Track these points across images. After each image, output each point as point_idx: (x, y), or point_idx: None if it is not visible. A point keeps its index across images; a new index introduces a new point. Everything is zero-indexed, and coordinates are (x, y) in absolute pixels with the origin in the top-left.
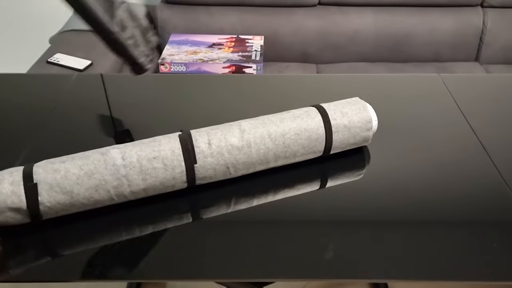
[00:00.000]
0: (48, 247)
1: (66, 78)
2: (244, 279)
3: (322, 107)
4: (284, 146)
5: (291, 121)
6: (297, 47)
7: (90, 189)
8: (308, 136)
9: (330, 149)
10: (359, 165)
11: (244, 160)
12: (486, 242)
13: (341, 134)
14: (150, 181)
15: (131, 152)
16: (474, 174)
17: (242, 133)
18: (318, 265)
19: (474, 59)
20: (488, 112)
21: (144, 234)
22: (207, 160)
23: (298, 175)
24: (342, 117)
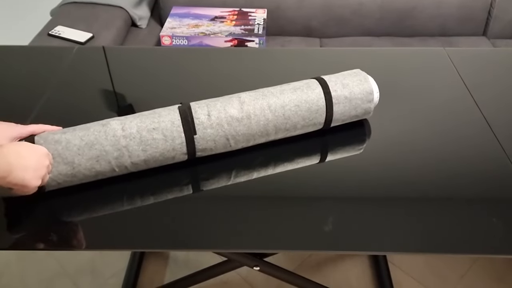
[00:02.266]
0: (52, 217)
1: (67, 51)
2: (245, 250)
3: (322, 79)
4: (284, 117)
5: (291, 93)
6: (301, 20)
7: (91, 160)
8: (308, 108)
9: (331, 121)
10: (360, 139)
11: (244, 132)
12: (486, 217)
13: (342, 105)
14: (150, 152)
15: (131, 124)
16: (476, 149)
17: (242, 104)
18: (318, 238)
19: (482, 33)
20: (493, 87)
21: (146, 205)
22: (207, 132)
23: (299, 149)
24: (343, 89)
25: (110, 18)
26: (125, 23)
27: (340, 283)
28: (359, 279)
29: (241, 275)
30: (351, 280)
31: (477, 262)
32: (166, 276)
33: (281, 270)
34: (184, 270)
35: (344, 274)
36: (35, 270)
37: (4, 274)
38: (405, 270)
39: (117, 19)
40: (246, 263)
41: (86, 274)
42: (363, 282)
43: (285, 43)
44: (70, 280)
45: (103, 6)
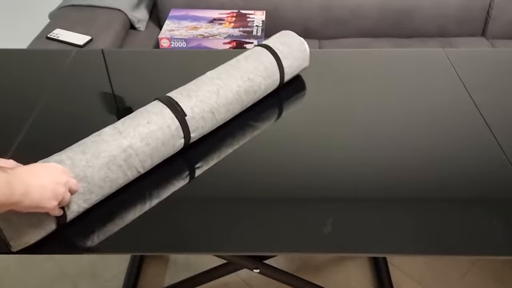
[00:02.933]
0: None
1: (66, 54)
2: (245, 252)
3: (264, 44)
4: (250, 80)
5: (246, 61)
6: (299, 22)
7: (102, 168)
8: (265, 67)
9: (284, 74)
10: (363, 145)
11: (223, 102)
12: (486, 218)
13: (289, 60)
14: (153, 144)
15: (124, 126)
16: (476, 150)
17: (212, 80)
18: (318, 240)
19: (481, 34)
20: (491, 87)
21: (146, 209)
22: (195, 110)
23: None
24: (283, 46)
25: (108, 21)
26: (124, 25)
27: (340, 285)
28: (359, 281)
29: (241, 277)
30: (351, 282)
31: (476, 263)
32: (166, 278)
33: (281, 272)
34: (184, 272)
35: (344, 276)
36: (35, 273)
37: (5, 277)
38: (405, 272)
39: (116, 21)
40: (246, 265)
41: (86, 276)
42: (363, 284)
43: None
44: (70, 283)
45: (101, 9)
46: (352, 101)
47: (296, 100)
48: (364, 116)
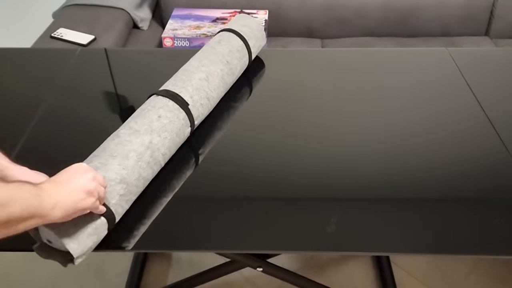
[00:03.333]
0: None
1: (70, 53)
2: (248, 251)
3: (228, 28)
4: (228, 63)
5: (220, 45)
6: (302, 21)
7: (135, 168)
8: (237, 50)
9: (251, 54)
10: (366, 144)
11: (213, 87)
12: (490, 217)
13: (253, 41)
14: (169, 136)
15: (138, 124)
16: (479, 149)
17: (198, 68)
18: (321, 238)
19: (484, 33)
20: (495, 86)
21: (149, 207)
22: (194, 99)
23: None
24: (245, 28)
25: (111, 20)
26: (127, 25)
27: (343, 284)
28: (362, 280)
29: (244, 276)
30: (354, 281)
31: (480, 263)
32: (169, 276)
33: (284, 271)
34: (187, 271)
35: (347, 275)
36: (40, 270)
37: (10, 274)
38: (408, 271)
39: (119, 21)
40: (249, 264)
41: (91, 274)
42: (366, 283)
43: (287, 44)
44: (75, 280)
45: (104, 8)
46: (355, 99)
47: (299, 97)
48: (367, 115)
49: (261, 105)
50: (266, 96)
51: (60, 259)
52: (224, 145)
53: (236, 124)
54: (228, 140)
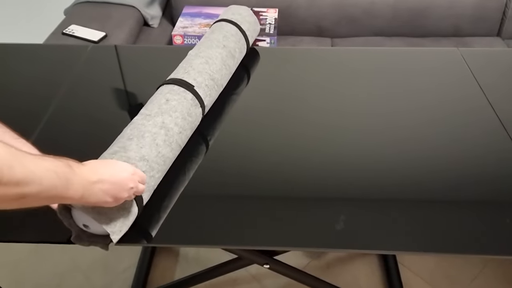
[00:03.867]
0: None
1: (81, 49)
2: (256, 247)
3: (219, 19)
4: (225, 47)
5: (213, 33)
6: (312, 20)
7: (152, 145)
8: (231, 34)
9: (248, 41)
10: (375, 143)
11: (216, 69)
12: (498, 218)
13: (245, 25)
14: (180, 116)
15: (148, 109)
16: (490, 150)
17: (196, 56)
18: (329, 236)
19: (496, 34)
20: (507, 87)
21: (156, 202)
22: (198, 80)
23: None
24: (235, 15)
25: (122, 18)
26: (138, 22)
27: (349, 283)
28: (368, 280)
29: (251, 273)
30: (360, 280)
31: (487, 265)
32: (177, 272)
33: (291, 269)
34: (194, 267)
35: (353, 275)
36: (48, 265)
37: (18, 268)
38: (415, 272)
39: (130, 18)
40: (256, 261)
41: (98, 269)
42: (372, 283)
43: (296, 42)
44: (83, 275)
45: (115, 5)
46: (364, 99)
47: (308, 96)
48: (376, 114)
49: (270, 104)
50: (275, 94)
51: (101, 243)
52: (234, 143)
53: (245, 123)
54: (238, 138)
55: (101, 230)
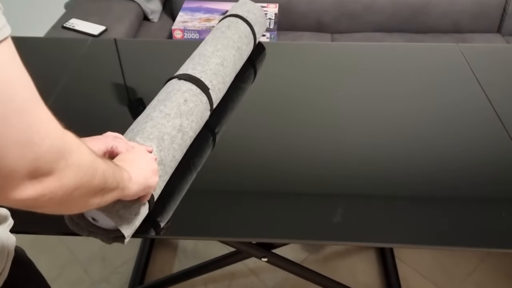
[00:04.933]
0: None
1: (81, 43)
2: (254, 239)
3: (234, 14)
4: (239, 49)
5: (229, 30)
6: (312, 15)
7: (170, 149)
8: (245, 35)
9: (256, 40)
10: (374, 138)
11: (228, 72)
12: (495, 211)
13: (257, 26)
14: (195, 120)
15: (167, 107)
16: (488, 146)
17: (213, 53)
18: (327, 229)
19: (496, 30)
20: (506, 84)
21: (156, 198)
22: (213, 83)
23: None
24: (250, 14)
25: (123, 12)
26: (138, 16)
27: (347, 277)
28: (366, 274)
29: (249, 266)
30: (357, 274)
31: (485, 259)
32: (175, 266)
33: (289, 262)
34: (193, 260)
35: (351, 269)
36: (47, 257)
37: None
38: (412, 266)
39: (130, 12)
40: (254, 254)
41: (97, 262)
42: (369, 277)
43: (297, 38)
44: (81, 267)
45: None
46: (364, 95)
47: (308, 92)
48: (376, 110)
49: (269, 100)
50: (274, 90)
51: (103, 237)
52: (232, 137)
53: (244, 118)
54: (236, 133)
55: (110, 225)
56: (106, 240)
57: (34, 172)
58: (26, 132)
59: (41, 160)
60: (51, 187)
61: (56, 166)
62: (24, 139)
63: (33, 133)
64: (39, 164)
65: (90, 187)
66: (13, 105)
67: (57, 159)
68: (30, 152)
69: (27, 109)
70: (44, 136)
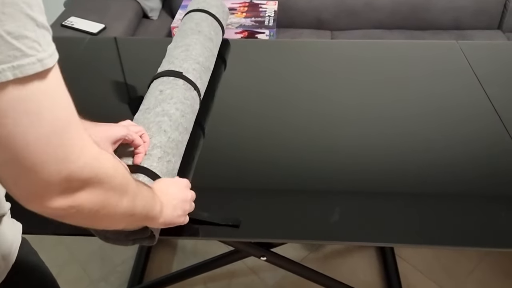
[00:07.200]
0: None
1: (80, 41)
2: (252, 239)
3: (191, 10)
4: (200, 32)
5: (184, 25)
6: (312, 12)
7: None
8: (202, 19)
9: (218, 18)
10: (372, 135)
11: (198, 53)
12: (495, 211)
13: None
14: (178, 102)
15: (144, 105)
16: (487, 143)
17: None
18: (325, 229)
19: (497, 26)
20: (505, 81)
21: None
22: (183, 66)
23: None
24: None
25: (122, 10)
26: (137, 14)
27: (347, 275)
28: (366, 272)
29: (248, 265)
30: (358, 273)
31: (485, 258)
32: (174, 265)
33: (288, 261)
34: (191, 259)
35: (351, 268)
36: (45, 257)
37: None
38: (413, 264)
39: (129, 10)
40: (253, 253)
41: (96, 261)
42: (370, 276)
43: (296, 35)
44: (80, 267)
45: None
46: (363, 91)
47: (308, 88)
48: (375, 107)
49: (268, 97)
50: (273, 87)
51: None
52: (231, 135)
53: (244, 115)
54: (236, 131)
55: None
56: (149, 242)
57: (67, 186)
58: (64, 150)
59: (73, 176)
60: (79, 202)
61: (87, 184)
62: (61, 157)
63: (70, 152)
64: (71, 179)
65: (117, 208)
66: (55, 125)
67: (89, 177)
68: (65, 169)
69: (66, 129)
70: (80, 154)
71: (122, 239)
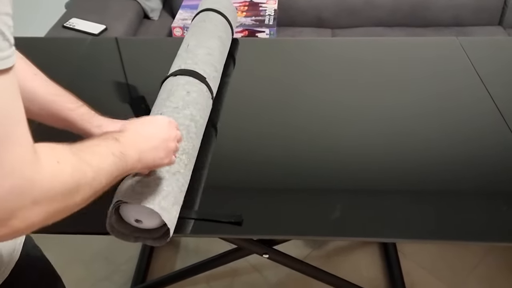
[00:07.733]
0: None
1: (81, 42)
2: (255, 236)
3: (203, 9)
4: (220, 37)
5: (205, 23)
6: (312, 11)
7: (188, 139)
8: (220, 23)
9: (231, 25)
10: (374, 132)
11: (217, 60)
12: (497, 205)
13: (232, 18)
14: (202, 109)
15: (173, 102)
16: (489, 139)
17: (197, 46)
18: (327, 224)
19: (497, 23)
20: (506, 77)
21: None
22: (207, 71)
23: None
24: (216, 4)
25: (122, 10)
26: (137, 15)
27: (350, 273)
28: (369, 269)
29: (251, 263)
30: (361, 270)
31: (488, 254)
32: (177, 263)
33: (290, 258)
34: (194, 257)
35: (354, 264)
36: (49, 256)
37: None
38: (416, 261)
39: (130, 11)
40: (256, 251)
41: (100, 260)
42: (372, 272)
43: (296, 34)
44: (84, 266)
45: None
46: (364, 90)
47: (309, 87)
48: (376, 105)
49: (269, 96)
50: (274, 86)
51: (149, 240)
52: (234, 134)
53: (246, 115)
54: (239, 129)
55: (154, 224)
56: (153, 243)
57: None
58: None
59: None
60: (16, 228)
61: (18, 209)
62: None
63: None
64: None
65: (74, 205)
66: None
67: (19, 200)
68: None
69: None
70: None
71: (126, 233)
